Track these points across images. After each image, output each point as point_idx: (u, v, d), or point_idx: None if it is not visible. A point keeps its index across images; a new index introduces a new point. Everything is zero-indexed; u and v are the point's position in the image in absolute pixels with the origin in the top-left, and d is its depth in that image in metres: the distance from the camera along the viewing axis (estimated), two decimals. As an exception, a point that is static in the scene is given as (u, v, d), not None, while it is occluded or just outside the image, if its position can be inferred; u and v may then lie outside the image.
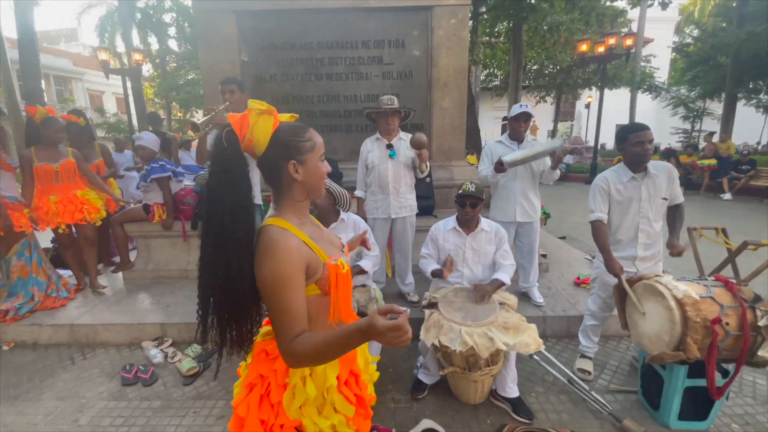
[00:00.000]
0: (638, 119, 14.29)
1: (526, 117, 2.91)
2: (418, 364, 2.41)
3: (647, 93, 16.12)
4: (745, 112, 13.34)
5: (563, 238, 5.41)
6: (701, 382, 1.85)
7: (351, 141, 4.07)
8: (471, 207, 2.33)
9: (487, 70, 19.31)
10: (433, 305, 2.17)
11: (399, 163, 2.99)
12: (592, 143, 13.13)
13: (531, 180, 2.99)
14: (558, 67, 17.13)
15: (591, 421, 2.07)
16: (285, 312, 0.87)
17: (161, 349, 2.80)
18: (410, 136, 3.03)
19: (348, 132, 4.14)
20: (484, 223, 2.43)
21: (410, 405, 2.22)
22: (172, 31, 15.97)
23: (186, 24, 15.25)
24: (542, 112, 21.80)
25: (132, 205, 3.98)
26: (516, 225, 3.04)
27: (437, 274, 2.37)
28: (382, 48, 4.00)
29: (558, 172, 2.95)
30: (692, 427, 1.98)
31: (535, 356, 2.07)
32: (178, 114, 21.24)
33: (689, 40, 17.58)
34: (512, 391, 2.11)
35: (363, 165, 3.08)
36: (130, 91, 11.95)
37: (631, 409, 2.16)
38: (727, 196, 9.18)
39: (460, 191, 2.34)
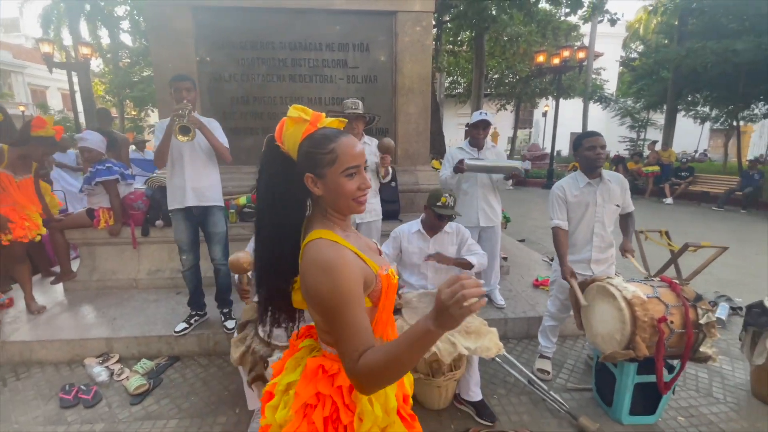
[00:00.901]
0: (590, 128, 15.17)
1: (484, 125, 2.99)
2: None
3: (598, 103, 17.17)
4: (684, 122, 14.49)
5: (522, 241, 5.59)
6: (650, 378, 1.95)
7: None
8: (448, 220, 2.38)
9: (451, 78, 19.80)
10: (397, 311, 2.15)
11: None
12: (548, 150, 13.77)
13: (491, 186, 3.09)
14: (517, 77, 17.88)
15: (549, 420, 2.13)
16: (350, 329, 0.80)
17: (106, 367, 2.58)
18: (375, 140, 3.01)
19: (312, 135, 4.05)
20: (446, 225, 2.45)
21: (374, 413, 2.18)
22: (125, 24, 15.06)
23: (141, 18, 14.44)
24: (503, 120, 22.65)
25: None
26: (479, 229, 3.10)
27: None
28: (347, 51, 3.97)
29: (510, 182, 3.13)
30: (642, 421, 2.08)
31: (497, 358, 2.11)
32: (132, 113, 20.07)
33: (635, 55, 18.92)
34: (475, 395, 2.13)
35: None
36: (76, 87, 11.13)
37: (587, 407, 2.24)
38: (669, 200, 9.92)
39: (439, 203, 2.26)
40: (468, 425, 2.07)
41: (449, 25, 12.51)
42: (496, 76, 18.52)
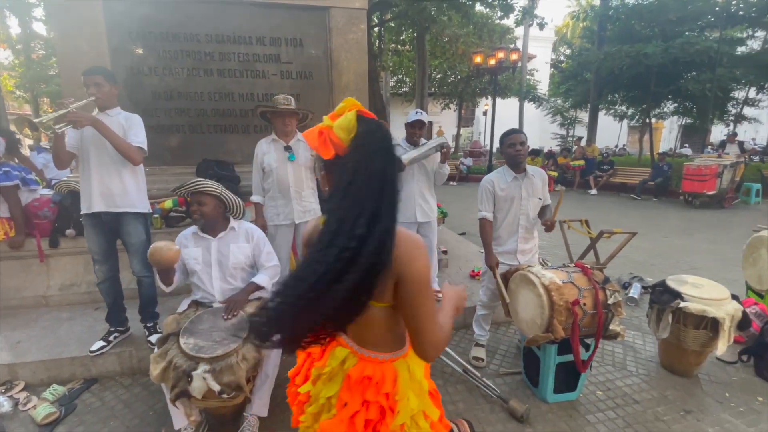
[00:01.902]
0: (525, 126, 16.16)
1: (420, 125, 3.04)
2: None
3: (532, 102, 18.29)
4: (605, 120, 15.92)
5: (463, 234, 5.80)
6: (570, 358, 2.10)
7: (249, 142, 3.79)
8: None
9: (396, 77, 20.07)
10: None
11: (299, 165, 2.87)
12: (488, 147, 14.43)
13: (427, 181, 3.13)
14: (458, 77, 18.54)
15: (483, 406, 2.22)
16: (434, 303, 0.92)
17: (9, 396, 2.28)
18: None
19: (245, 133, 3.88)
20: None
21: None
22: (38, 12, 13.39)
23: (52, 4, 12.89)
24: (447, 118, 23.39)
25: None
26: (416, 225, 3.15)
27: None
28: (279, 46, 3.84)
29: (447, 167, 3.11)
30: (565, 398, 2.24)
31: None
32: (50, 109, 18.00)
33: (562, 58, 20.41)
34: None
35: (259, 168, 2.89)
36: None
37: (517, 389, 2.37)
38: (594, 191, 10.86)
39: None
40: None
41: (392, 24, 12.64)
42: (439, 75, 19.06)
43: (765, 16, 10.18)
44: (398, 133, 3.22)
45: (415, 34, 12.50)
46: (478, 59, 11.46)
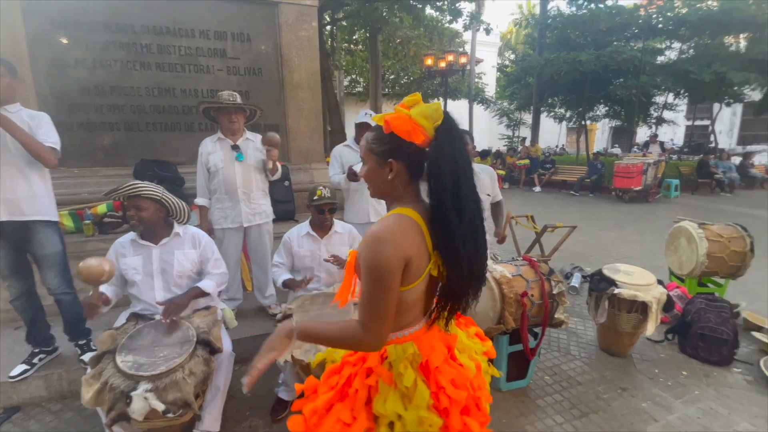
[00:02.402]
0: (475, 127, 16.77)
1: (368, 126, 3.03)
2: (279, 381, 2.26)
3: (481, 105, 19.06)
4: (547, 122, 16.99)
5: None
6: (519, 347, 2.20)
7: (193, 141, 3.59)
8: (330, 212, 2.35)
9: (350, 77, 19.99)
10: (288, 317, 2.05)
11: (248, 165, 2.74)
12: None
13: None
14: (411, 78, 18.84)
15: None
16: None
17: None
18: (259, 136, 2.82)
19: (189, 131, 3.66)
20: (338, 225, 2.45)
21: (270, 429, 2.05)
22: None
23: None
24: (401, 118, 23.59)
25: None
26: (370, 225, 3.14)
27: (289, 285, 2.27)
28: (225, 40, 3.66)
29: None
30: (517, 385, 2.35)
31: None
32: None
33: (507, 63, 21.48)
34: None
35: (204, 169, 2.73)
36: None
37: (473, 381, 2.45)
38: (538, 188, 11.55)
39: (316, 197, 2.31)
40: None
41: (344, 23, 12.56)
42: (392, 76, 19.24)
43: (680, 29, 11.41)
44: (354, 133, 3.19)
45: (367, 35, 12.52)
46: (429, 61, 11.72)
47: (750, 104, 12.97)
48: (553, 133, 21.56)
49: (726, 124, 17.72)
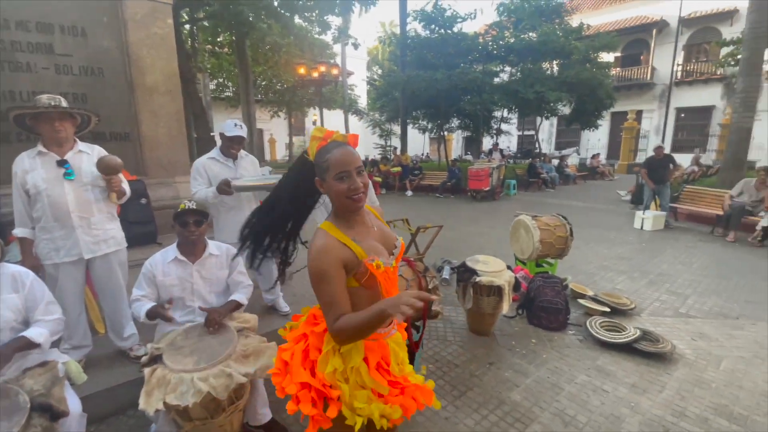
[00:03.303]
0: (351, 136, 17.35)
1: (239, 140, 2.83)
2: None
3: (355, 115, 19.86)
4: (413, 132, 18.62)
5: (305, 243, 5.82)
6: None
7: (10, 155, 2.87)
8: (195, 225, 2.04)
9: (217, 80, 18.45)
10: (156, 359, 1.79)
11: (82, 184, 2.24)
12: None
13: (255, 200, 2.97)
14: (285, 86, 18.44)
15: (338, 406, 2.30)
16: (327, 299, 1.13)
17: None
18: (96, 147, 2.37)
19: (7, 143, 2.89)
20: (212, 246, 2.20)
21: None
22: None
23: None
24: (277, 126, 22.97)
25: None
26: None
27: (154, 313, 1.97)
28: (52, 34, 3.02)
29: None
30: (405, 377, 2.53)
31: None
32: None
33: (375, 77, 22.85)
34: (265, 416, 2.04)
35: (21, 192, 2.18)
36: None
37: (366, 381, 2.55)
38: (409, 193, 12.62)
39: (179, 210, 2.02)
40: (262, 447, 1.98)
41: (206, 23, 11.55)
42: (264, 82, 18.48)
43: (509, 55, 13.92)
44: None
45: (233, 38, 11.78)
46: (301, 70, 11.70)
47: (563, 117, 16.57)
48: (419, 142, 23.77)
49: (546, 133, 22.24)
